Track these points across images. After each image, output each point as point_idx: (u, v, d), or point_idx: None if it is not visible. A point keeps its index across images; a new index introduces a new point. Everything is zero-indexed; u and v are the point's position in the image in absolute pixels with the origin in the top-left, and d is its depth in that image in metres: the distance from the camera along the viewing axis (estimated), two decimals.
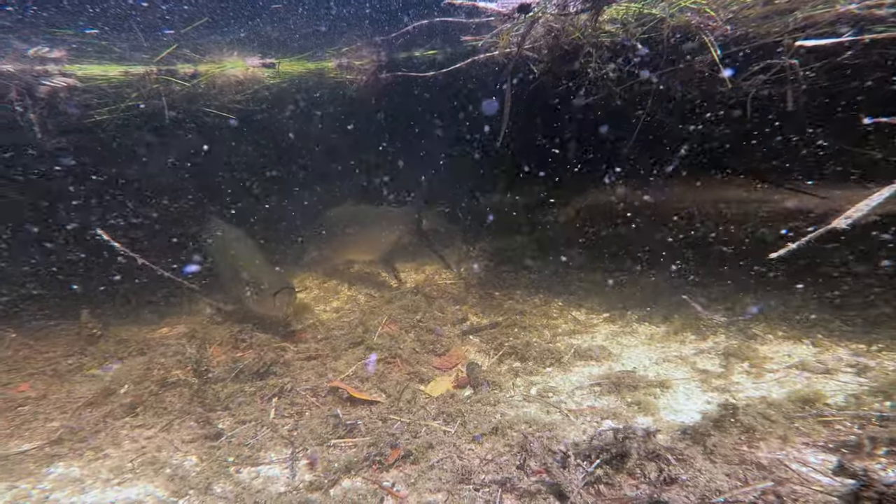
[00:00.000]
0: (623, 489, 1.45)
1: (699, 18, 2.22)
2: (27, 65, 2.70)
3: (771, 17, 2.08)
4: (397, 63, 3.36)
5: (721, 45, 2.22)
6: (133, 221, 3.37)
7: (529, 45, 2.81)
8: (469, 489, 1.62)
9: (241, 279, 3.11)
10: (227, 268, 3.37)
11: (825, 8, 1.94)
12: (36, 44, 2.72)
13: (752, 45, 2.15)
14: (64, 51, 2.82)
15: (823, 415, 1.72)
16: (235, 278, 3.18)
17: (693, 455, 1.50)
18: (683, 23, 2.28)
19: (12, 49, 2.67)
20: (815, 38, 1.88)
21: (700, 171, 2.98)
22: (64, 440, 2.00)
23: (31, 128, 2.72)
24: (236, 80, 3.14)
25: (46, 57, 2.73)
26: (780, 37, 2.05)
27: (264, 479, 1.76)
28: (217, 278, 3.55)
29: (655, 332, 2.95)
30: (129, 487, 1.71)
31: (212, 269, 3.57)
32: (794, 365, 2.31)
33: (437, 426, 2.00)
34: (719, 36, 2.22)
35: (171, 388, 2.37)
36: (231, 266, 3.29)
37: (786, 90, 2.12)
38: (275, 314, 3.04)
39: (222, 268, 3.47)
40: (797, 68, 2.04)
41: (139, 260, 2.45)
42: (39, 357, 2.87)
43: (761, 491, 1.25)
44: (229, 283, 3.30)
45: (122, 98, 2.99)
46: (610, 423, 1.94)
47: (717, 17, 2.15)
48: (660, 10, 2.30)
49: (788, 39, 2.01)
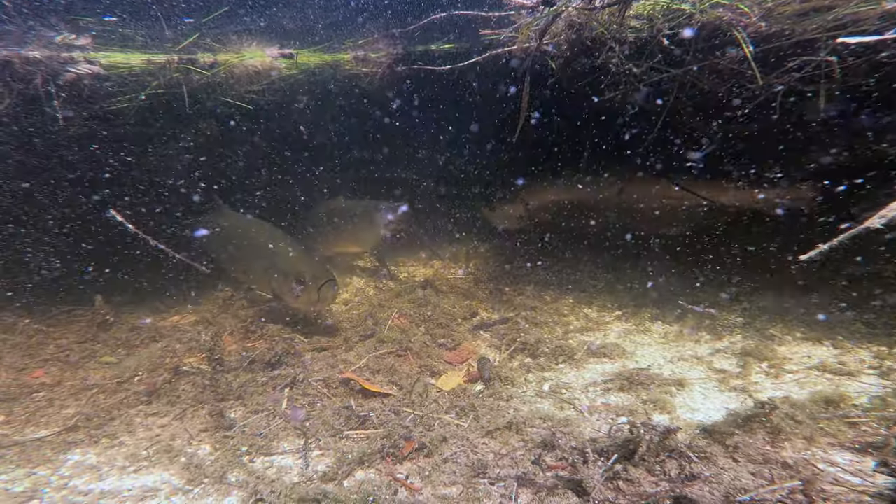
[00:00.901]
0: (643, 485, 1.43)
1: (731, 14, 2.17)
2: (54, 51, 2.70)
3: (808, 14, 2.03)
4: (414, 56, 3.32)
5: (753, 42, 2.16)
6: (148, 209, 3.36)
7: (549, 40, 2.77)
8: (484, 483, 1.61)
9: (280, 271, 2.90)
10: (259, 259, 3.15)
11: (870, 6, 1.88)
12: (62, 31, 2.73)
13: (788, 42, 2.10)
14: (90, 38, 2.82)
15: (849, 416, 1.68)
16: (272, 270, 2.95)
17: (715, 453, 1.47)
18: (714, 18, 2.23)
19: (39, 36, 2.68)
20: (858, 36, 1.83)
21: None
22: (80, 427, 2.01)
23: (55, 114, 2.72)
24: (254, 71, 3.13)
25: (73, 44, 2.74)
26: (818, 34, 2.00)
27: (278, 468, 1.75)
28: (244, 271, 3.35)
29: (669, 330, 2.91)
30: (146, 475, 1.71)
31: (236, 261, 3.36)
32: (814, 366, 2.26)
33: (451, 419, 1.98)
34: (752, 33, 2.17)
35: (185, 377, 2.37)
36: (266, 258, 3.07)
37: (819, 88, 2.07)
38: (317, 308, 2.92)
39: (252, 259, 3.24)
40: (834, 66, 1.99)
41: (152, 242, 2.43)
42: (53, 343, 2.90)
43: (789, 490, 1.22)
44: (262, 275, 3.06)
45: (143, 86, 3.00)
46: (626, 420, 1.91)
47: (751, 13, 2.10)
48: (690, 6, 2.25)
49: (827, 36, 1.96)
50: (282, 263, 2.95)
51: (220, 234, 3.53)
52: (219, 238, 3.53)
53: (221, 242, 3.51)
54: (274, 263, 2.97)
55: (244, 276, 3.40)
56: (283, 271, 2.89)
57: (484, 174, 4.15)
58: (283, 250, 3.07)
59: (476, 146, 4.03)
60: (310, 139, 3.83)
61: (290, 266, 2.90)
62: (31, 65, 2.63)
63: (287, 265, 2.92)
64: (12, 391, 2.34)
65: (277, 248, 3.10)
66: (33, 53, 2.64)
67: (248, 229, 3.47)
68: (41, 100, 2.69)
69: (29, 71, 2.64)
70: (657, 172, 3.29)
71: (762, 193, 3.01)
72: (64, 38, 2.72)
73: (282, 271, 2.90)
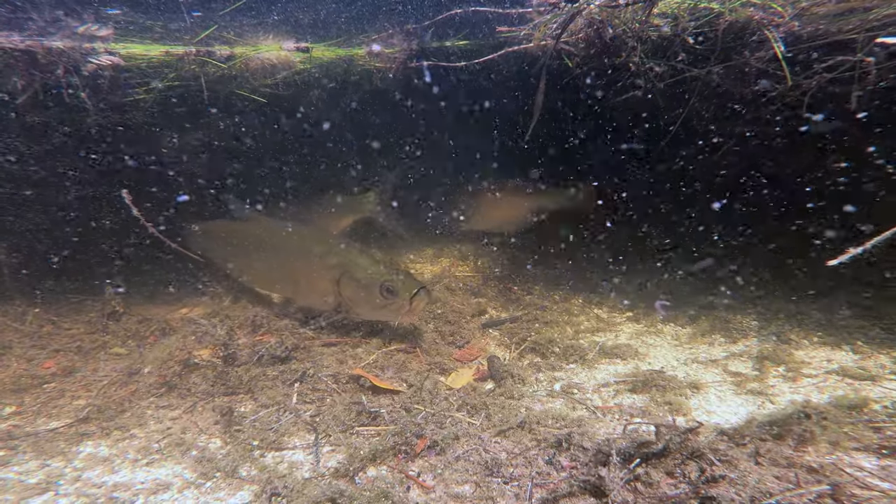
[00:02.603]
0: (662, 487, 1.40)
1: (763, 14, 2.13)
2: (76, 42, 2.69)
3: (845, 13, 1.99)
4: (428, 52, 3.29)
5: (784, 42, 2.12)
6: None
7: (567, 38, 2.74)
8: (498, 482, 1.58)
9: (354, 279, 2.55)
10: (309, 267, 2.76)
11: None
12: (85, 21, 2.74)
13: (822, 42, 2.05)
14: (111, 29, 2.82)
15: (874, 420, 1.64)
16: (343, 279, 2.59)
17: (736, 456, 1.44)
18: (744, 18, 2.18)
19: (63, 26, 2.69)
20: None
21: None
22: (91, 419, 2.01)
23: (82, 104, 2.72)
24: (269, 64, 3.12)
25: (95, 35, 2.74)
26: (856, 34, 1.95)
27: (289, 463, 1.74)
28: (283, 283, 2.98)
29: (681, 332, 2.88)
30: (158, 468, 1.70)
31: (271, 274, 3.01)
32: (833, 370, 2.22)
33: (463, 417, 1.96)
34: (783, 32, 2.12)
35: (195, 370, 2.37)
36: (324, 265, 2.68)
37: (853, 89, 2.03)
38: (405, 320, 2.58)
39: (298, 269, 2.83)
40: (871, 66, 1.95)
41: (150, 229, 2.42)
42: (63, 334, 2.90)
43: (817, 494, 1.19)
44: (316, 284, 2.69)
45: (161, 78, 2.99)
46: (641, 421, 1.88)
47: (784, 12, 2.06)
48: (718, 5, 2.21)
49: (864, 36, 1.92)
50: (357, 271, 2.58)
51: (250, 244, 3.11)
52: (244, 248, 3.12)
53: (247, 253, 3.11)
54: (347, 271, 2.59)
55: (281, 288, 3.06)
56: (358, 279, 2.54)
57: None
58: (355, 255, 2.69)
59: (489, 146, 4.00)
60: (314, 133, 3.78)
61: (371, 273, 2.53)
62: (54, 55, 2.63)
63: (365, 272, 2.55)
64: (23, 381, 2.35)
65: (348, 253, 2.72)
66: (56, 43, 2.64)
67: (289, 235, 3.05)
68: (63, 89, 2.68)
69: (51, 61, 2.63)
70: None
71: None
72: (86, 28, 2.72)
73: (357, 279, 2.54)
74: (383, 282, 2.46)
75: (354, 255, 2.71)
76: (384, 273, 2.53)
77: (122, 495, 1.53)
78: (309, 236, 3.04)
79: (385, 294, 2.45)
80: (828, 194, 2.56)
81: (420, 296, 2.46)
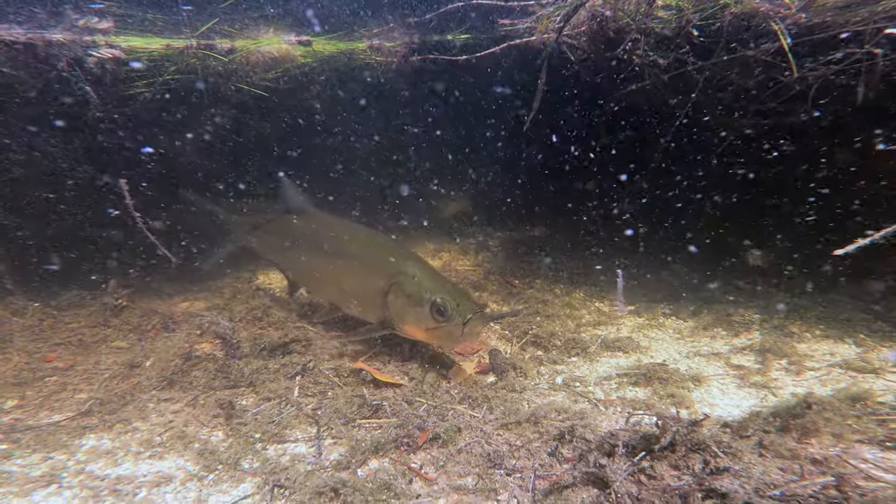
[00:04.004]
0: (665, 479, 1.39)
1: (769, 5, 2.09)
2: (76, 35, 2.67)
3: (853, 5, 1.95)
4: (429, 46, 3.24)
5: (791, 34, 2.08)
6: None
7: (569, 31, 2.69)
8: (500, 474, 1.58)
9: (405, 293, 2.23)
10: (362, 275, 2.45)
11: None
12: (86, 13, 2.71)
13: (828, 34, 2.02)
14: (111, 22, 2.79)
15: (877, 413, 1.64)
16: (392, 291, 2.28)
17: (740, 448, 1.43)
18: (750, 9, 2.14)
19: (64, 19, 2.66)
20: None
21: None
22: (93, 412, 2.01)
23: (86, 98, 2.67)
24: (271, 58, 3.08)
25: (95, 27, 2.71)
26: (864, 25, 1.92)
27: (291, 456, 1.74)
28: (330, 286, 2.70)
29: (683, 326, 2.87)
30: (160, 461, 1.71)
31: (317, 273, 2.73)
32: (836, 363, 2.21)
33: (464, 410, 1.96)
34: (790, 24, 2.08)
35: (196, 363, 2.36)
36: (376, 273, 2.37)
37: (859, 81, 1.99)
38: (457, 347, 2.36)
39: (348, 274, 2.52)
40: (879, 58, 1.91)
41: (139, 222, 2.39)
42: (64, 327, 2.90)
43: (822, 485, 1.18)
44: (366, 294, 2.39)
45: (161, 72, 2.94)
46: (644, 414, 1.88)
47: (791, 3, 2.02)
48: None
49: (873, 28, 1.88)
50: (408, 283, 2.25)
51: (300, 241, 2.83)
52: (294, 246, 2.85)
53: (297, 251, 2.83)
54: (397, 282, 2.28)
55: (327, 292, 2.78)
56: (408, 293, 2.23)
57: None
58: (409, 266, 2.35)
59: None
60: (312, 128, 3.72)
61: (424, 288, 2.21)
62: (55, 48, 2.60)
63: (417, 286, 2.23)
64: (25, 375, 2.35)
65: (402, 262, 2.38)
66: (56, 36, 2.61)
67: (340, 235, 2.69)
68: (68, 83, 2.63)
69: (52, 54, 2.60)
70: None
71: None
72: (86, 21, 2.69)
73: (407, 293, 2.23)
74: (435, 299, 2.14)
75: (409, 265, 2.36)
76: (438, 290, 2.20)
77: (126, 487, 1.54)
78: (362, 237, 2.69)
79: (436, 315, 2.14)
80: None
81: (475, 321, 2.13)
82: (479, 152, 4.01)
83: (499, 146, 3.86)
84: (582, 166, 3.48)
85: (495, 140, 3.84)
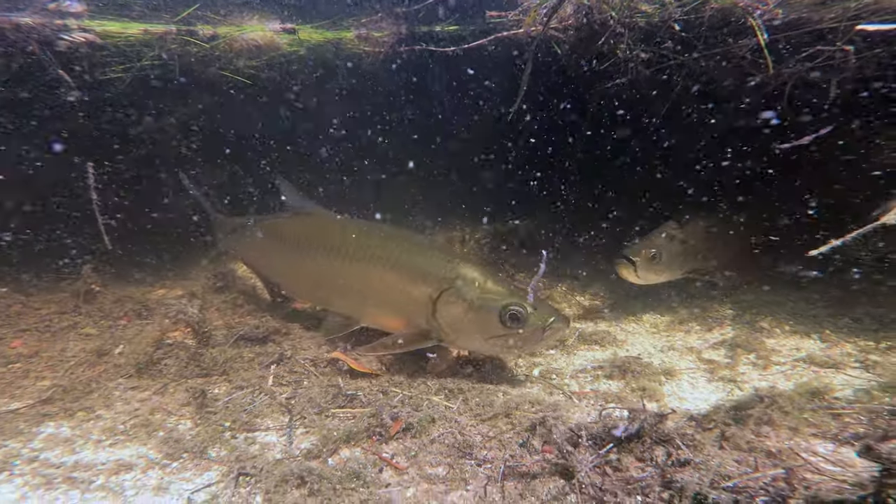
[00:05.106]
0: (630, 471, 1.43)
1: (747, 0, 2.09)
2: (46, 18, 2.55)
3: (828, 1, 1.97)
4: (418, 37, 3.17)
5: (767, 29, 2.10)
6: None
7: (556, 24, 2.68)
8: (471, 464, 1.60)
9: (471, 302, 2.03)
10: (410, 281, 2.16)
11: None
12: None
13: (803, 31, 2.04)
14: (84, 5, 2.65)
15: (833, 407, 1.70)
16: (457, 301, 2.05)
17: (702, 441, 1.47)
18: (729, 4, 2.15)
19: (32, 2, 2.52)
20: (877, 24, 1.78)
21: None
22: (55, 399, 1.95)
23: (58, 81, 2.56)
24: (255, 45, 2.97)
25: (67, 11, 2.58)
26: (837, 23, 1.94)
27: (261, 445, 1.72)
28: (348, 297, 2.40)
29: (660, 320, 2.93)
30: (122, 449, 1.67)
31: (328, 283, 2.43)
32: (801, 358, 2.29)
33: (440, 401, 1.97)
34: (767, 20, 2.10)
35: (169, 350, 2.31)
36: (432, 279, 2.13)
37: (831, 78, 2.02)
38: (527, 353, 2.20)
39: (382, 279, 2.24)
40: (850, 55, 1.94)
41: (96, 204, 2.31)
42: (33, 313, 2.80)
43: (772, 477, 1.22)
44: (418, 306, 2.14)
45: (139, 57, 2.80)
46: (615, 407, 1.92)
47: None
48: None
49: (845, 25, 1.91)
50: (468, 288, 2.03)
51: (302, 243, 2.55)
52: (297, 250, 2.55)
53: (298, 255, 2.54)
54: (452, 287, 2.06)
55: (339, 302, 2.46)
56: (469, 299, 2.02)
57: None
58: (465, 268, 2.11)
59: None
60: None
61: (490, 293, 2.01)
62: (23, 31, 2.46)
63: (480, 291, 2.02)
64: None
65: (454, 264, 2.12)
66: (24, 20, 2.47)
67: (370, 237, 2.40)
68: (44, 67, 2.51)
69: (20, 37, 2.47)
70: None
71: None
72: (57, 4, 2.56)
73: (467, 299, 2.02)
74: (507, 305, 1.95)
75: (465, 267, 2.12)
76: (508, 294, 2.01)
77: (82, 475, 1.50)
78: (394, 239, 2.39)
79: (509, 322, 1.95)
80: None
81: (557, 326, 1.98)
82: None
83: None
84: (564, 159, 3.48)
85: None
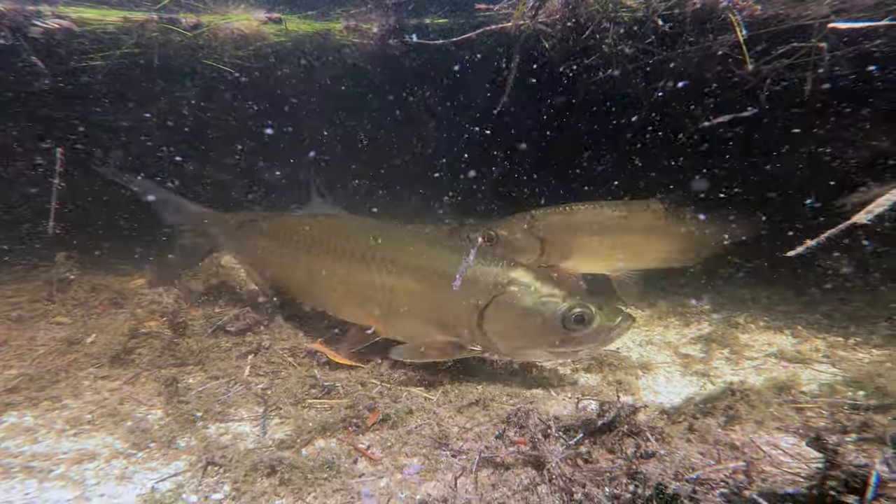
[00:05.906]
0: (600, 462, 1.45)
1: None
2: (18, 4, 2.44)
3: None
4: (407, 29, 3.10)
5: (746, 25, 2.12)
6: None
7: (544, 18, 2.66)
8: (446, 455, 1.61)
9: (528, 308, 1.88)
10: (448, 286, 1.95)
11: None
12: None
13: (780, 27, 2.06)
14: None
15: (797, 401, 1.75)
16: (511, 308, 1.90)
17: (671, 434, 1.51)
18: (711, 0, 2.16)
19: None
20: (850, 21, 1.79)
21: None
22: (20, 388, 1.89)
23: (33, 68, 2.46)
24: (240, 35, 2.87)
25: None
26: (814, 20, 1.96)
27: (233, 435, 1.70)
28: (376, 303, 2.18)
29: (640, 315, 2.97)
30: (87, 439, 1.63)
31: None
32: (773, 353, 2.35)
33: (419, 392, 1.97)
34: (746, 16, 2.11)
35: (144, 340, 2.26)
36: (479, 285, 1.96)
37: (807, 75, 2.05)
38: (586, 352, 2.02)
39: (412, 286, 2.08)
40: (824, 52, 1.96)
41: (53, 191, 2.23)
42: (3, 301, 2.71)
43: (733, 469, 1.26)
44: (461, 314, 1.98)
45: (118, 45, 2.69)
46: (591, 399, 1.94)
47: None
48: None
49: (820, 22, 1.93)
50: (523, 293, 1.88)
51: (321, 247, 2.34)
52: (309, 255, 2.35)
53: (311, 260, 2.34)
54: (504, 292, 1.91)
55: (360, 312, 2.25)
56: (525, 305, 1.87)
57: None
58: (515, 272, 1.96)
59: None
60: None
61: (548, 297, 1.86)
62: None
63: (537, 295, 1.87)
64: None
65: (500, 272, 1.96)
66: None
67: (403, 242, 2.25)
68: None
69: None
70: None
71: None
72: None
73: (523, 305, 1.87)
74: (570, 308, 1.82)
75: (516, 272, 1.95)
76: (567, 296, 1.86)
77: (41, 464, 1.46)
78: (429, 244, 2.25)
79: (573, 325, 1.83)
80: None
81: (623, 326, 1.88)
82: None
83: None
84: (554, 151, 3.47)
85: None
